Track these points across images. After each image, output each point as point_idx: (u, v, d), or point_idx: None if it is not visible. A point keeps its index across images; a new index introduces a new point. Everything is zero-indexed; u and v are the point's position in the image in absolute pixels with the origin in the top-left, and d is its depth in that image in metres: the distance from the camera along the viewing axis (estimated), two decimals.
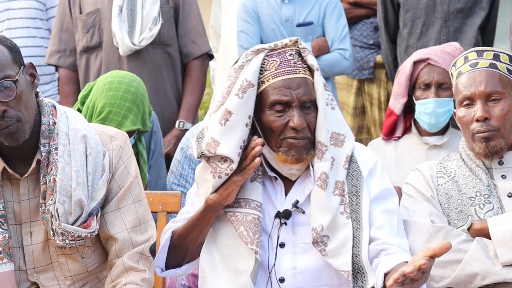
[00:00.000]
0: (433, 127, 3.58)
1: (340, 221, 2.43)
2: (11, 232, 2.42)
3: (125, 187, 2.46)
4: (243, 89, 2.40)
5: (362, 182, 2.47)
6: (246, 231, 2.43)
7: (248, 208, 2.46)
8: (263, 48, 2.46)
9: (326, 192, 2.42)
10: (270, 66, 2.44)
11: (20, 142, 2.33)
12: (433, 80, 3.51)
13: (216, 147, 2.40)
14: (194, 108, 4.17)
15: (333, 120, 2.49)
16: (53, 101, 2.50)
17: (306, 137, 2.43)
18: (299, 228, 2.47)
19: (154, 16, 3.99)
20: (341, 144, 2.49)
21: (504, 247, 2.51)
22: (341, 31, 4.22)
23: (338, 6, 4.27)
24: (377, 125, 4.60)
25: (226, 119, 2.40)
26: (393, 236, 2.44)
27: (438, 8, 4.13)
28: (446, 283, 2.55)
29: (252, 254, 2.43)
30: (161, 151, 3.69)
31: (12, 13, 4.39)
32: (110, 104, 3.26)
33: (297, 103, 2.41)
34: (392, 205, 2.50)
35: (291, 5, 4.22)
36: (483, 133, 2.62)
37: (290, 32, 4.20)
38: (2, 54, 2.31)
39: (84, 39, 4.11)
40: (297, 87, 2.41)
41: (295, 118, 2.40)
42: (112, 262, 2.47)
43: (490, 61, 2.68)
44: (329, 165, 2.44)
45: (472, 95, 2.65)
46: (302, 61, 2.47)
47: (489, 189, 2.64)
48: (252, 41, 4.17)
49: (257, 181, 2.48)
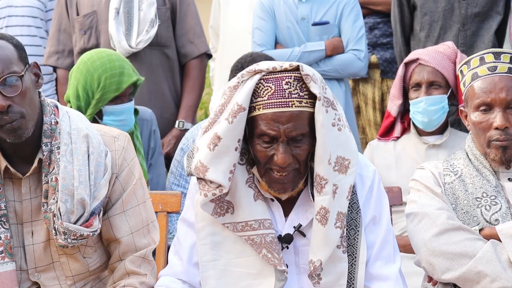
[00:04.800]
0: (428, 126, 3.65)
1: (336, 254, 2.37)
2: (12, 231, 2.42)
3: (129, 190, 2.46)
4: (234, 114, 2.29)
5: (360, 216, 2.41)
6: (270, 253, 2.37)
7: (263, 228, 2.39)
8: (260, 69, 2.30)
9: (326, 227, 2.32)
10: (263, 92, 2.30)
11: (23, 139, 2.33)
12: (423, 79, 3.62)
13: (205, 172, 2.33)
14: (193, 108, 4.18)
15: (339, 143, 2.35)
16: (55, 101, 2.51)
17: (291, 171, 2.33)
18: (301, 249, 2.42)
19: (151, 18, 4.00)
20: (345, 171, 2.36)
21: (510, 239, 2.49)
22: (357, 32, 4.23)
23: (356, 7, 4.29)
24: (372, 125, 4.63)
25: (215, 144, 2.31)
26: (386, 268, 2.40)
27: (456, 12, 4.14)
28: (454, 277, 2.52)
29: (271, 272, 2.38)
30: (160, 150, 3.72)
31: (13, 10, 4.41)
32: (102, 71, 3.36)
33: (284, 139, 2.27)
34: (383, 227, 2.45)
35: (308, 4, 4.24)
36: (502, 141, 2.60)
37: (305, 31, 4.22)
38: (8, 51, 2.34)
39: (81, 41, 4.13)
40: (287, 121, 2.27)
41: (279, 155, 2.28)
42: (114, 266, 2.48)
43: (508, 65, 2.65)
44: (329, 198, 2.33)
45: (492, 102, 2.61)
46: (301, 89, 2.29)
47: (496, 190, 2.61)
48: (266, 38, 4.20)
49: (260, 199, 2.41)
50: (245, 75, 2.32)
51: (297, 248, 2.42)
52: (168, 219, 2.95)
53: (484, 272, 2.47)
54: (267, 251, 2.36)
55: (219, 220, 2.40)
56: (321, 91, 2.29)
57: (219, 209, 2.40)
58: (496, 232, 2.53)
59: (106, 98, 3.40)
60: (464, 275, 2.50)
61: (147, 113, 3.68)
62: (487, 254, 2.49)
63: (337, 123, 2.36)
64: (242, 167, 2.40)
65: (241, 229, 2.39)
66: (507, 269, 2.48)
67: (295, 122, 2.28)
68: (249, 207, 2.39)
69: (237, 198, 2.39)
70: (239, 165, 2.39)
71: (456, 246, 2.51)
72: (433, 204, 2.61)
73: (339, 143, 2.36)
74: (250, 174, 2.41)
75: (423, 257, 2.57)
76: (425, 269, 2.60)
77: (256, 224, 2.38)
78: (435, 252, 2.53)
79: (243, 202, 2.39)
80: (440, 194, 2.64)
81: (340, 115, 2.38)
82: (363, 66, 4.23)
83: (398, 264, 2.43)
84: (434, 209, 2.59)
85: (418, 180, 2.70)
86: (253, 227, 2.38)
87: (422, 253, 2.57)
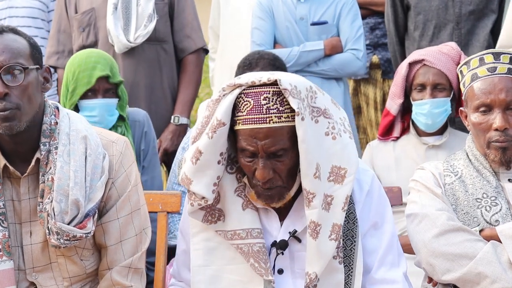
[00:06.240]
0: (430, 128, 3.63)
1: (333, 265, 2.35)
2: (10, 230, 2.42)
3: (124, 196, 2.45)
4: (213, 129, 2.29)
5: (357, 226, 2.39)
6: (257, 263, 2.36)
7: (250, 238, 2.39)
8: (239, 83, 2.29)
9: (317, 241, 2.30)
10: (243, 107, 2.28)
11: (14, 131, 2.32)
12: (429, 81, 3.58)
13: (189, 185, 2.36)
14: (189, 103, 4.18)
15: (333, 152, 2.33)
16: (56, 102, 2.52)
17: (275, 186, 2.32)
18: (296, 254, 2.41)
19: (149, 13, 4.01)
20: (341, 181, 2.33)
21: (510, 240, 2.49)
22: (355, 32, 4.23)
23: (354, 7, 4.28)
24: (373, 125, 4.62)
25: (197, 158, 2.33)
26: (391, 272, 2.39)
27: (450, 11, 4.13)
28: (454, 278, 2.52)
29: (260, 281, 2.37)
30: (154, 151, 3.70)
31: (14, 11, 4.40)
32: (78, 66, 3.46)
33: (263, 154, 2.27)
34: (387, 232, 2.43)
35: (306, 4, 4.23)
36: (501, 142, 2.60)
37: (304, 30, 4.22)
38: (21, 45, 2.37)
39: (80, 39, 4.13)
40: (264, 137, 2.25)
41: (259, 170, 2.29)
42: (102, 273, 2.48)
43: (508, 66, 2.64)
44: (318, 212, 2.30)
45: (492, 103, 2.61)
46: (281, 103, 2.26)
47: (496, 190, 2.61)
48: (265, 37, 4.19)
49: (249, 207, 2.40)
50: (226, 89, 2.32)
51: (292, 254, 2.41)
52: (169, 219, 2.95)
53: (484, 273, 2.47)
54: (254, 261, 2.36)
55: (211, 227, 2.41)
56: (301, 105, 2.25)
57: (210, 216, 2.41)
58: (496, 233, 2.53)
59: (78, 92, 3.45)
60: (464, 276, 2.49)
61: (140, 114, 3.67)
62: (487, 255, 2.48)
63: (331, 131, 2.34)
64: (231, 176, 2.41)
65: (230, 238, 2.40)
66: (507, 270, 2.47)
67: (273, 138, 2.26)
68: (237, 216, 2.39)
69: (227, 207, 2.40)
70: (229, 174, 2.40)
71: (456, 247, 2.51)
72: (433, 205, 2.61)
73: (332, 152, 2.33)
74: (240, 183, 2.41)
75: (423, 257, 2.57)
76: (425, 270, 2.60)
77: (243, 233, 2.38)
78: (435, 253, 2.53)
79: (231, 210, 2.39)
80: (440, 194, 2.64)
81: (335, 123, 2.35)
82: (362, 65, 4.23)
83: (403, 268, 2.42)
84: (434, 210, 2.59)
85: (418, 181, 2.70)
86: (241, 236, 2.38)
87: (422, 254, 2.57)
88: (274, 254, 2.40)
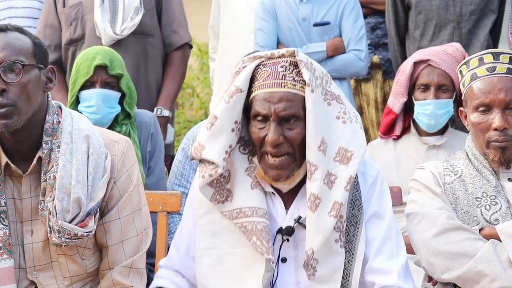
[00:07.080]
0: (432, 128, 3.63)
1: (333, 248, 2.37)
2: (11, 229, 2.42)
3: (125, 196, 2.46)
4: (231, 95, 2.37)
5: (362, 213, 2.41)
6: (259, 240, 2.38)
7: (256, 216, 2.41)
8: (259, 55, 2.41)
9: (316, 214, 2.33)
10: (260, 76, 2.38)
11: (10, 129, 2.33)
12: (433, 82, 3.57)
13: (202, 151, 2.41)
14: (172, 97, 4.25)
15: (342, 135, 2.39)
16: (59, 102, 2.52)
17: (284, 153, 2.36)
18: (301, 243, 2.42)
19: (135, 5, 4.07)
20: (347, 162, 2.37)
21: (510, 238, 2.49)
22: (357, 32, 4.24)
23: (356, 7, 4.30)
24: (374, 125, 4.63)
25: (211, 124, 2.39)
26: (388, 263, 2.39)
27: (451, 10, 4.14)
28: (454, 277, 2.52)
29: (262, 263, 2.38)
30: (161, 154, 3.71)
31: (14, 12, 4.42)
32: (80, 58, 3.51)
33: (275, 118, 2.33)
34: (385, 223, 2.45)
35: (309, 4, 4.25)
36: (501, 142, 2.60)
37: (306, 31, 4.23)
38: (23, 43, 2.38)
39: (67, 32, 4.18)
40: (278, 101, 2.33)
41: (270, 133, 2.34)
42: (103, 273, 2.48)
43: (507, 66, 2.65)
44: (320, 185, 2.33)
45: (491, 103, 2.61)
46: (297, 74, 2.37)
47: (496, 189, 2.61)
48: (268, 39, 4.21)
49: (258, 188, 2.44)
50: (246, 61, 2.42)
51: (296, 242, 2.42)
52: (170, 219, 2.95)
53: (484, 272, 2.47)
54: (256, 238, 2.38)
55: (218, 208, 2.44)
56: (313, 78, 2.34)
57: (219, 196, 2.44)
58: (496, 231, 2.53)
59: (78, 83, 3.48)
60: (464, 275, 2.50)
61: (147, 116, 3.69)
62: (487, 254, 2.48)
63: (342, 116, 2.41)
64: (243, 156, 2.46)
65: (236, 216, 2.42)
66: (507, 269, 2.47)
67: (286, 103, 2.33)
68: (245, 194, 2.42)
69: (235, 185, 2.43)
70: (241, 154, 2.45)
71: (456, 246, 2.51)
72: (433, 204, 2.61)
73: (341, 135, 2.39)
74: (251, 163, 2.45)
75: (423, 257, 2.57)
76: (425, 269, 2.60)
77: (249, 211, 2.41)
78: (435, 252, 2.53)
79: (240, 189, 2.43)
80: (440, 194, 2.64)
81: (346, 110, 2.42)
82: (364, 65, 4.24)
83: (402, 260, 2.42)
84: (434, 209, 2.59)
85: (418, 180, 2.70)
86: (247, 214, 2.41)
87: (422, 253, 2.57)
88: (279, 241, 2.41)
